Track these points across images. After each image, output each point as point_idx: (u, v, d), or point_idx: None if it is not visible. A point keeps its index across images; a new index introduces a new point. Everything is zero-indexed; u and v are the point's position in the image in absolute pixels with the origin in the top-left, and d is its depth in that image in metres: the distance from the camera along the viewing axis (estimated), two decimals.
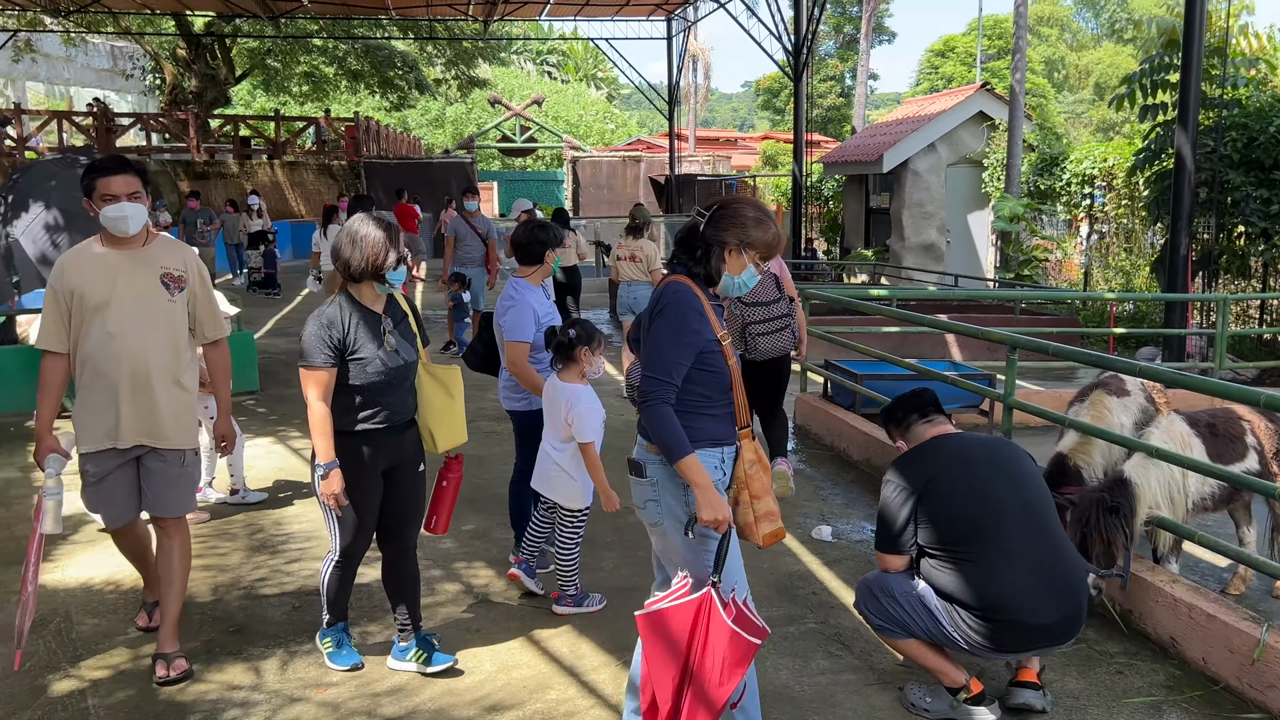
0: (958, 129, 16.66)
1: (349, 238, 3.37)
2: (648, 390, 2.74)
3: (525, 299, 4.44)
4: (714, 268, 2.81)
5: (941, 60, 60.21)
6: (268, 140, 27.04)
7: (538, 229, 4.53)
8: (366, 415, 3.41)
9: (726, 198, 2.92)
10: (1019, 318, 11.45)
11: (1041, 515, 3.30)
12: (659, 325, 2.77)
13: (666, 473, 2.82)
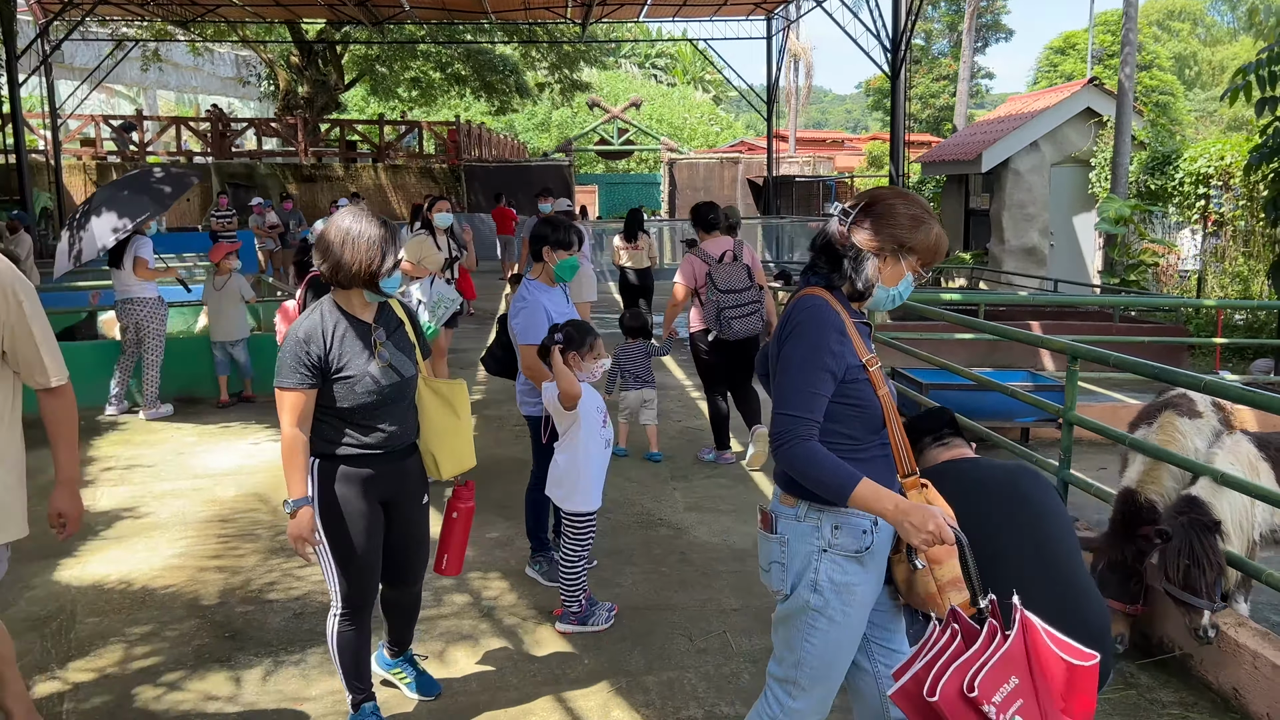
0: (1063, 126, 15.80)
1: (339, 235, 2.87)
2: (781, 431, 2.24)
3: (537, 300, 4.27)
4: (865, 279, 2.31)
5: (1061, 58, 57.79)
6: (372, 144, 27.73)
7: (543, 225, 4.35)
8: (359, 441, 2.96)
9: (875, 192, 2.38)
10: (1118, 325, 10.73)
11: (1059, 558, 2.90)
12: (791, 349, 2.29)
13: (800, 530, 2.34)
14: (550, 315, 4.23)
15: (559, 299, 4.37)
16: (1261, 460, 3.69)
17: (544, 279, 4.36)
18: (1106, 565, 3.77)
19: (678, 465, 6.62)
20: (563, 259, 4.32)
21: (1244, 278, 12.43)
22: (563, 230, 4.32)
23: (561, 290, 4.44)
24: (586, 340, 3.97)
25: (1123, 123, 13.51)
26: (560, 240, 4.30)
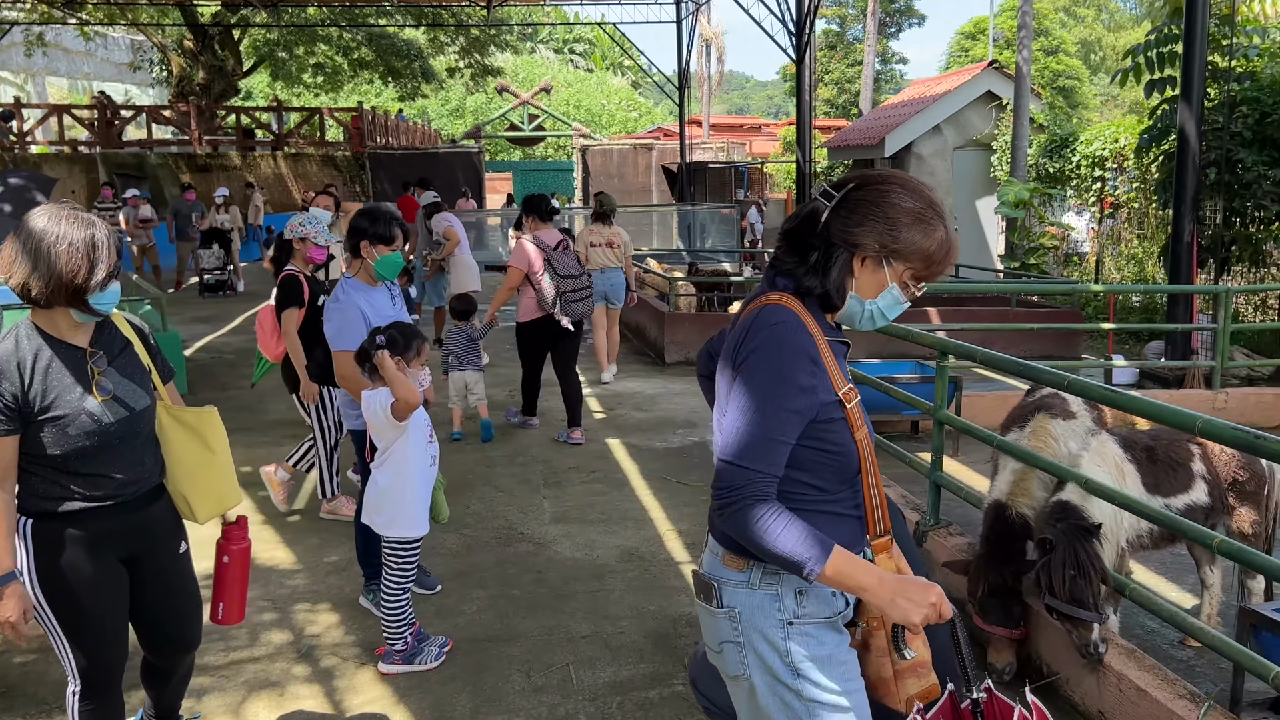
0: (965, 110, 15.79)
1: (31, 241, 2.30)
2: (729, 486, 1.74)
3: (351, 301, 3.84)
4: (834, 282, 1.81)
5: (971, 43, 58.72)
6: (270, 132, 26.72)
7: (361, 217, 3.92)
8: (83, 493, 2.44)
9: (871, 173, 1.83)
10: (1015, 311, 10.67)
11: None
12: (749, 380, 1.77)
13: (755, 600, 1.86)
14: (368, 318, 3.80)
15: (381, 300, 3.95)
16: (1127, 462, 3.45)
17: (363, 277, 3.93)
18: (987, 590, 3.50)
19: (552, 470, 6.25)
20: (384, 255, 3.88)
21: (1139, 260, 12.51)
22: (383, 222, 3.89)
23: (386, 290, 4.02)
24: (413, 344, 3.56)
25: (1020, 106, 13.49)
26: (380, 234, 3.87)
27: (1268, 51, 9.50)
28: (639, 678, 3.62)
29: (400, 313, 4.01)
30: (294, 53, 30.46)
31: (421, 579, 4.39)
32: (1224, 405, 7.54)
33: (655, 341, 10.48)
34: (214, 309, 13.71)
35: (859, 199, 1.79)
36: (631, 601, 4.29)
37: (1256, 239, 9.56)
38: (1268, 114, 9.08)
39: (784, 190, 25.94)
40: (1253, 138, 9.21)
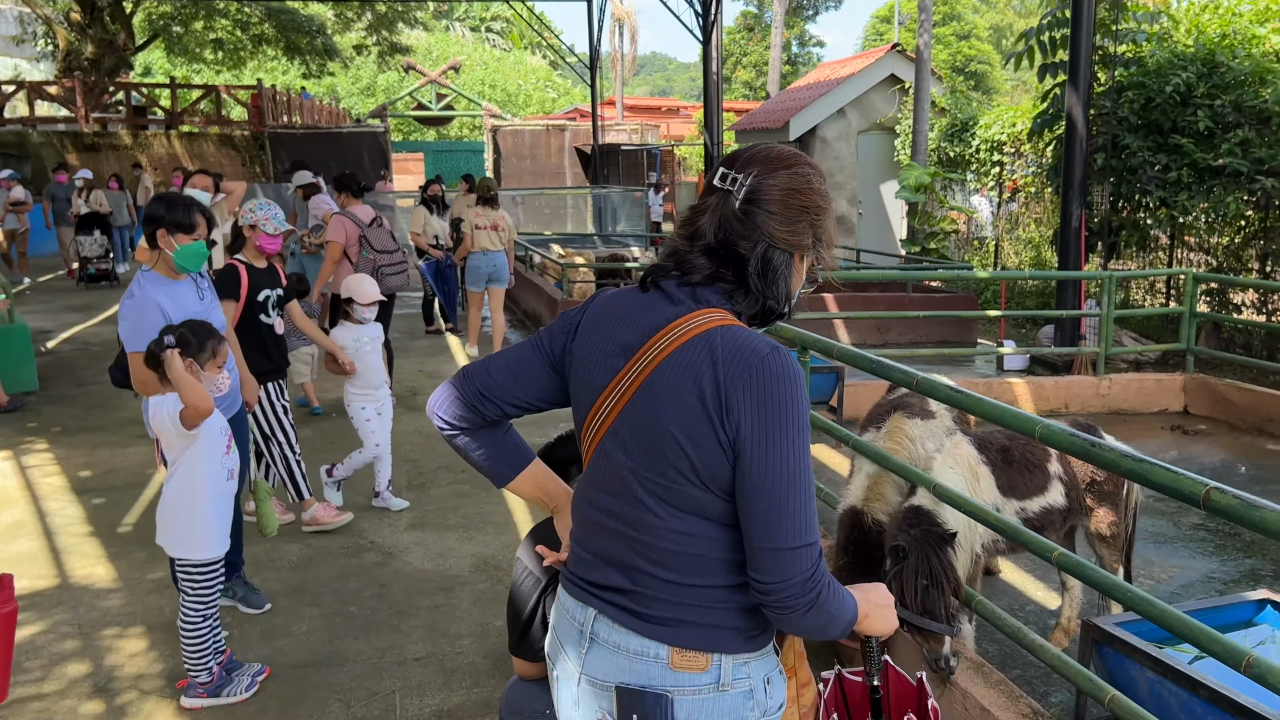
0: (869, 93, 15.75)
1: None
2: (804, 573, 1.42)
3: (149, 297, 3.46)
4: (785, 290, 1.55)
5: (887, 26, 59.34)
6: (163, 110, 25.54)
7: (158, 203, 3.53)
8: None
9: (775, 151, 1.57)
10: (911, 298, 10.63)
11: None
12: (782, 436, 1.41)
13: (726, 705, 1.52)
14: (168, 315, 3.43)
15: (185, 295, 3.57)
16: (982, 464, 3.28)
17: (163, 269, 3.55)
18: None
19: (419, 470, 5.92)
20: (184, 244, 3.50)
21: (1036, 244, 12.60)
22: (181, 209, 3.51)
23: (191, 283, 3.64)
24: (207, 344, 3.20)
25: (921, 89, 13.47)
26: (179, 221, 3.49)
27: (1154, 36, 9.55)
28: (470, 705, 3.35)
29: (209, 308, 3.64)
30: (190, 27, 29.22)
31: (249, 597, 4.05)
32: (1108, 391, 7.55)
33: None
34: (91, 298, 12.97)
35: (785, 189, 1.51)
36: (477, 617, 4.00)
37: (1143, 224, 9.64)
38: (1152, 99, 9.13)
39: (696, 173, 25.76)
40: (1139, 123, 9.26)
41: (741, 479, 1.44)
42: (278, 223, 4.67)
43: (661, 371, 1.48)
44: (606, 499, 1.57)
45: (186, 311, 3.50)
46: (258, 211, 4.65)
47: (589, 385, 1.60)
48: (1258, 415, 7.10)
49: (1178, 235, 9.77)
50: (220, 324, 3.70)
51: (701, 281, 1.53)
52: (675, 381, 1.47)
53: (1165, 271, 8.87)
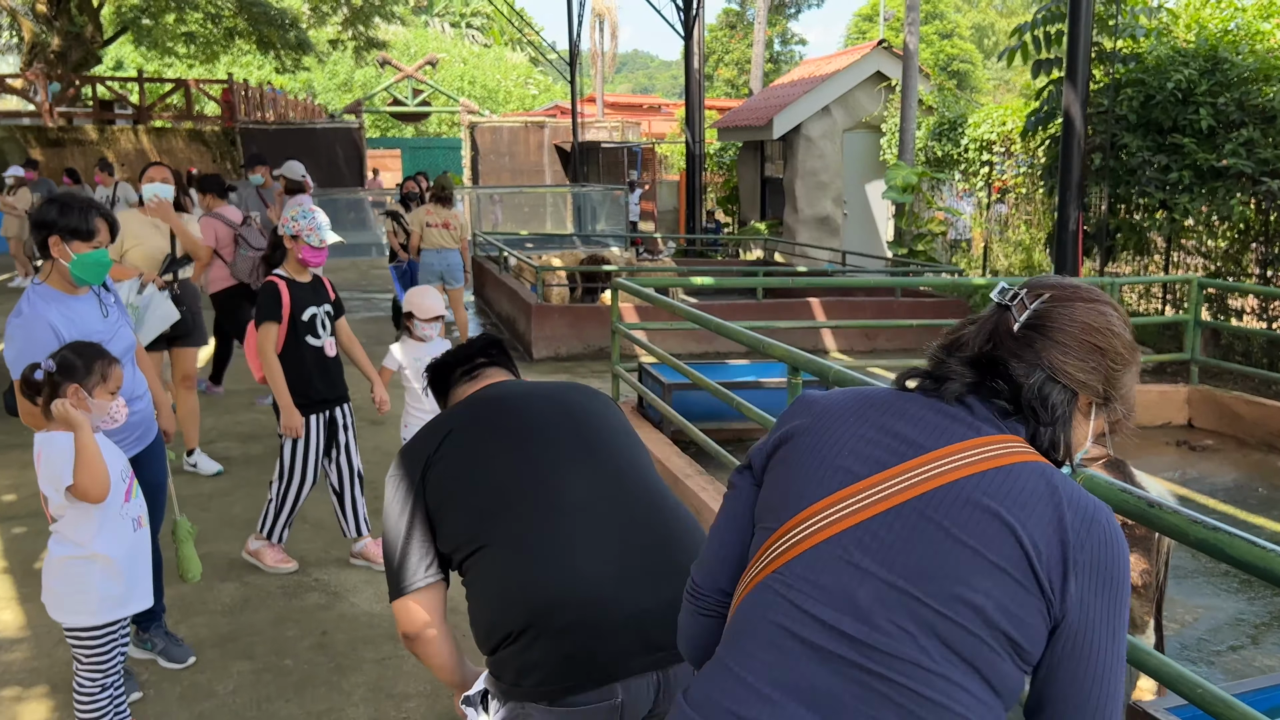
0: (854, 90, 15.36)
1: None
2: None
3: (39, 316, 2.98)
4: (1067, 438, 1.31)
5: (869, 25, 59.21)
6: (131, 104, 24.89)
7: (50, 207, 3.06)
8: None
9: (1073, 286, 1.34)
10: (899, 304, 10.24)
11: (620, 476, 2.00)
12: (1117, 608, 1.21)
13: None
14: (62, 335, 2.96)
15: (84, 311, 3.10)
16: None
17: (57, 282, 3.08)
18: None
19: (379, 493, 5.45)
20: (81, 253, 3.03)
21: (1026, 247, 12.24)
22: (78, 212, 3.04)
23: (93, 298, 3.16)
24: (94, 366, 2.74)
25: (909, 87, 13.10)
26: (74, 227, 3.02)
27: (1153, 31, 9.20)
28: None
29: (114, 327, 3.17)
30: (160, 20, 28.52)
31: (170, 649, 3.58)
32: None
33: (524, 335, 9.72)
34: None
35: (1080, 322, 1.29)
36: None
37: (1141, 227, 9.28)
38: (1152, 96, 8.77)
39: (678, 171, 25.35)
40: (1137, 121, 8.90)
41: (1068, 660, 1.20)
42: (324, 233, 4.15)
43: (962, 489, 1.21)
44: (832, 614, 1.21)
45: (85, 331, 3.03)
46: (301, 220, 4.13)
47: (833, 468, 1.28)
48: (1267, 430, 6.74)
49: (1175, 238, 9.43)
50: (128, 345, 3.23)
51: (964, 391, 1.30)
52: (985, 508, 1.20)
53: (1171, 278, 8.52)
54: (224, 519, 5.05)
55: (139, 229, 5.34)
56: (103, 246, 3.07)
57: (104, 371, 2.73)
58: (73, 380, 2.67)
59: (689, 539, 1.95)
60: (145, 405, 3.34)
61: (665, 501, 2.02)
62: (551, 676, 1.77)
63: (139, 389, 3.28)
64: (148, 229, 5.36)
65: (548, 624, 1.78)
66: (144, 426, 3.31)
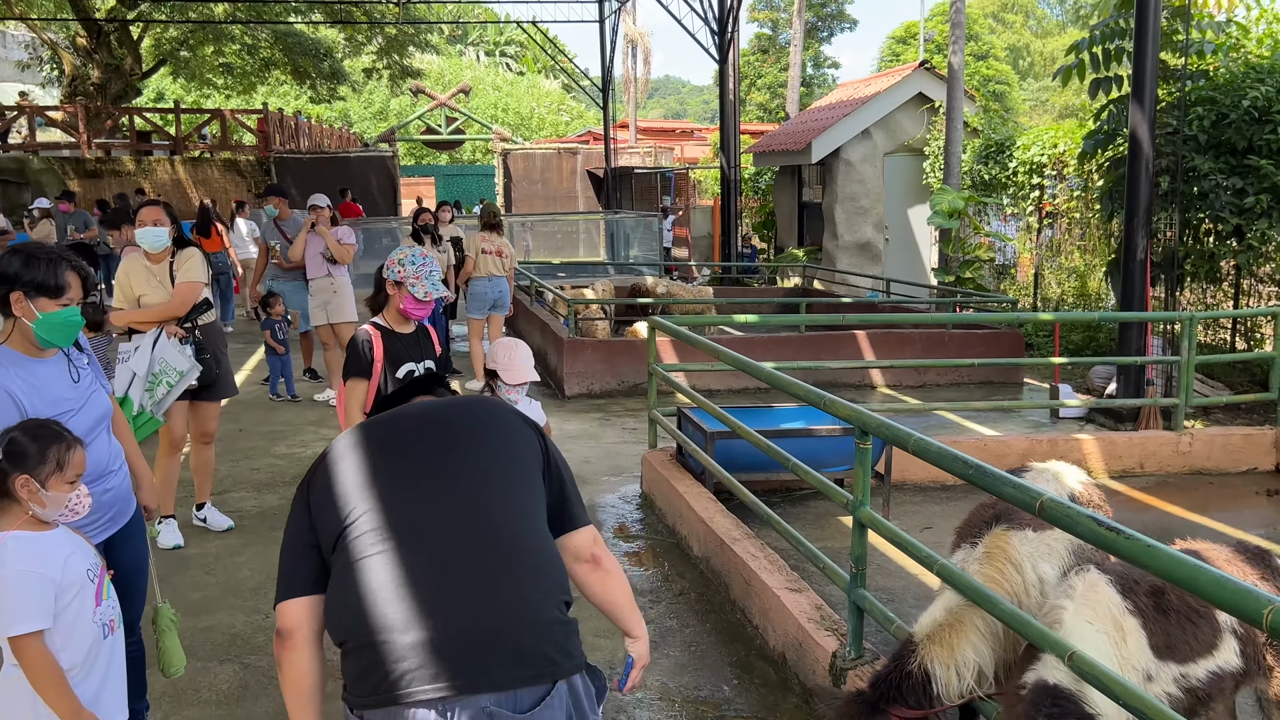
0: (895, 113, 14.88)
1: None
2: None
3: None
4: None
5: (903, 48, 58.86)
6: (168, 135, 25.00)
7: (12, 258, 2.67)
8: None
9: None
10: (952, 335, 9.70)
11: (475, 498, 1.96)
12: None
13: None
14: (23, 406, 2.57)
15: (50, 377, 2.70)
16: (1128, 614, 2.37)
17: (18, 343, 2.68)
18: None
19: None
20: (48, 311, 2.64)
21: (1080, 274, 11.67)
22: (44, 265, 2.65)
23: (61, 361, 2.77)
24: (49, 452, 2.34)
25: (954, 108, 12.60)
26: (39, 281, 2.63)
27: (1223, 47, 8.65)
28: None
29: (85, 393, 2.77)
30: (198, 52, 28.74)
31: None
32: (1189, 448, 6.60)
33: (555, 370, 9.31)
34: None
35: None
36: None
37: (1213, 254, 8.70)
38: (1225, 115, 8.22)
39: (712, 197, 24.95)
40: (1208, 142, 8.35)
41: None
42: (432, 284, 3.75)
43: None
44: None
45: (51, 399, 2.64)
46: (408, 266, 3.74)
47: None
48: None
49: (1246, 267, 8.83)
50: (102, 413, 2.83)
51: None
52: None
53: (1254, 311, 7.93)
54: (229, 585, 4.65)
55: (145, 274, 4.87)
56: (72, 304, 2.67)
57: (61, 457, 2.33)
58: (23, 470, 2.27)
59: (528, 575, 1.91)
60: (121, 481, 2.93)
61: (511, 531, 1.96)
62: (351, 687, 1.85)
63: (114, 462, 2.88)
64: (149, 277, 4.86)
65: (351, 640, 1.85)
66: (119, 505, 2.90)
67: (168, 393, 4.49)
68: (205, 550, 5.10)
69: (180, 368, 4.49)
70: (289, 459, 6.85)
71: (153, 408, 4.40)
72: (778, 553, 4.39)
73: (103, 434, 2.85)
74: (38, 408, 2.61)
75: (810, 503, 5.90)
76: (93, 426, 2.78)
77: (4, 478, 2.28)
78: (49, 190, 21.72)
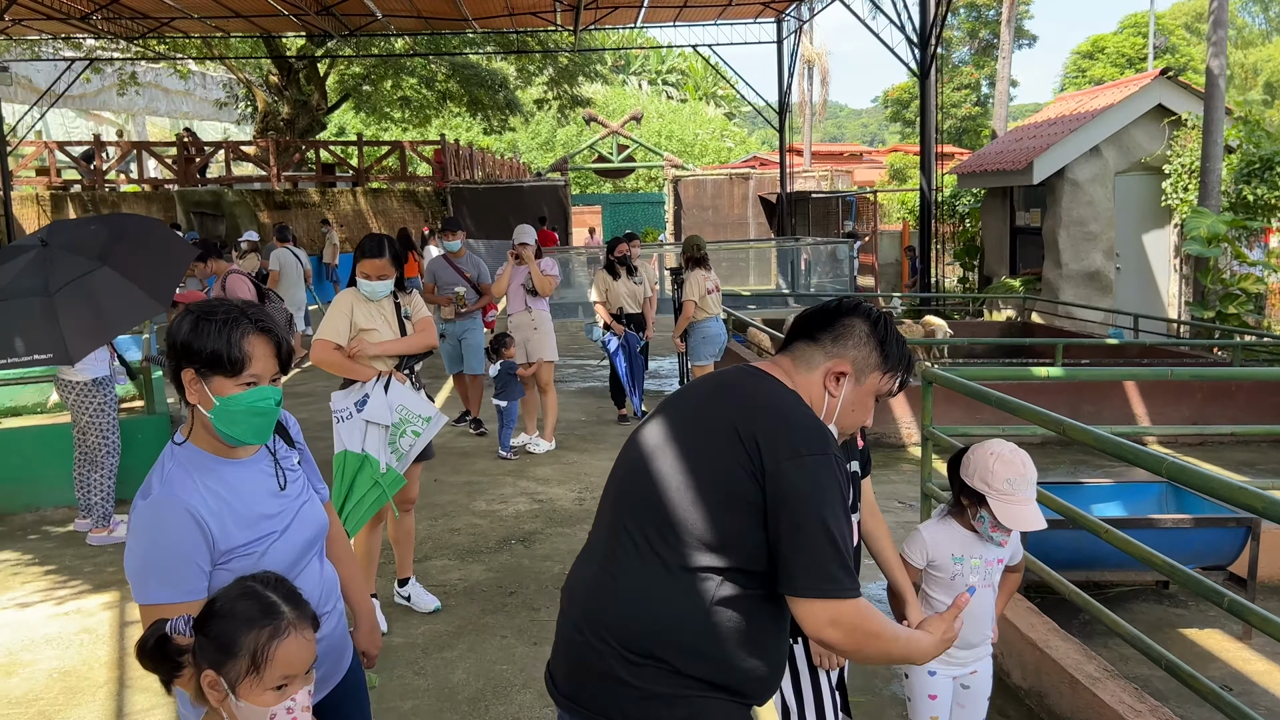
0: (1129, 128, 13.25)
1: None
2: None
3: (172, 498, 1.82)
4: None
5: (1089, 62, 55.70)
6: (351, 167, 25.64)
7: (183, 320, 1.89)
8: None
9: None
10: (1240, 386, 8.16)
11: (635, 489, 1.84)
12: None
13: None
14: (210, 533, 1.79)
15: (249, 484, 1.93)
16: None
17: (203, 440, 1.90)
18: None
19: None
20: (226, 395, 1.84)
21: None
22: (215, 329, 1.85)
23: (263, 462, 1.98)
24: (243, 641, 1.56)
25: (1213, 120, 10.98)
26: (214, 353, 1.84)
27: None
28: None
29: (294, 506, 1.98)
30: (378, 87, 29.54)
31: None
32: None
33: None
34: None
35: None
36: None
37: None
38: None
39: (897, 221, 23.51)
40: None
41: None
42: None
43: None
44: None
45: (247, 519, 1.85)
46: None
47: None
48: None
49: None
50: (315, 532, 2.03)
51: None
52: None
53: None
54: (442, 691, 3.86)
55: (369, 309, 4.20)
56: (261, 382, 1.88)
57: (260, 651, 1.51)
58: (211, 664, 1.46)
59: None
60: (335, 625, 2.12)
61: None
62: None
63: (326, 600, 2.07)
64: (375, 313, 4.18)
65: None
66: (333, 657, 2.09)
67: (413, 444, 3.82)
68: (411, 639, 4.35)
69: (424, 413, 3.81)
70: (490, 518, 6.12)
71: (398, 463, 3.75)
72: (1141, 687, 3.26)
73: (313, 561, 2.05)
74: (229, 532, 1.82)
75: (1131, 605, 4.69)
76: (302, 553, 1.99)
77: (197, 663, 1.48)
78: (242, 222, 22.50)
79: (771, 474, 1.75)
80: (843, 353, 1.98)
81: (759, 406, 1.84)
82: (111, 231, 4.76)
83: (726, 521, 1.77)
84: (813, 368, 1.97)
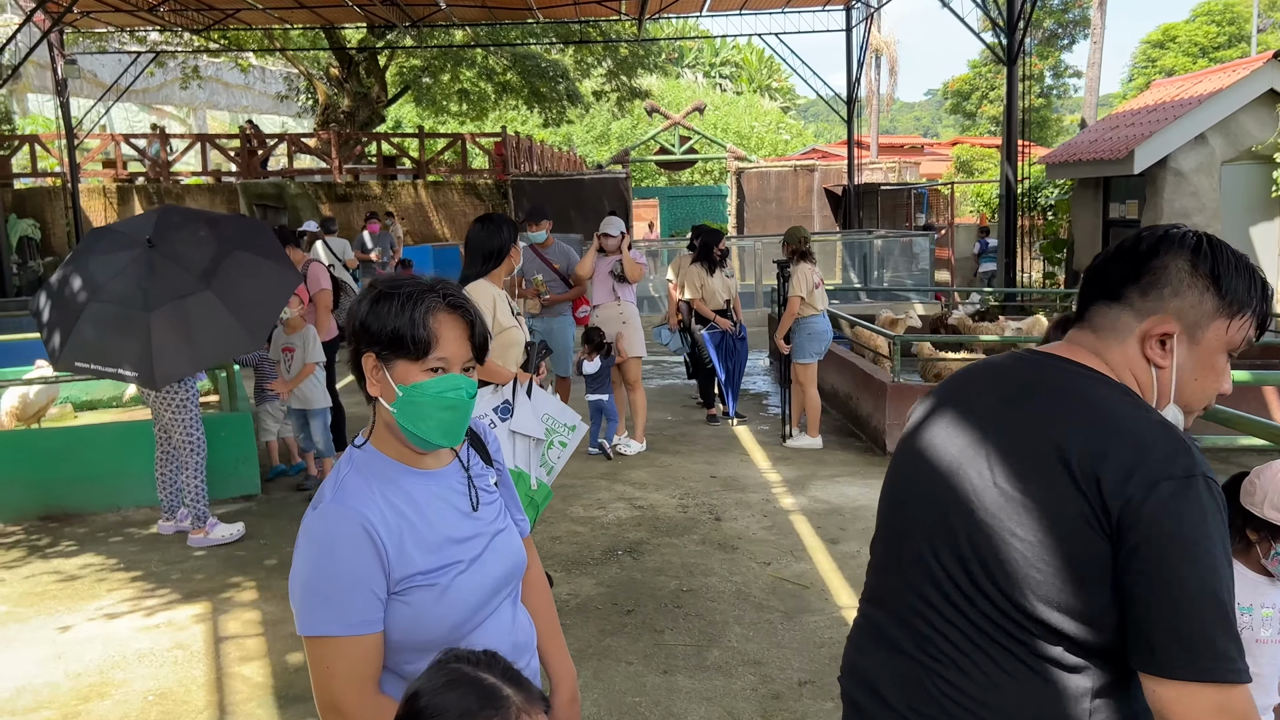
0: (1238, 114, 12.50)
1: None
2: None
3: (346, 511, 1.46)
4: None
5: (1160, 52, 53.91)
6: (412, 160, 25.53)
7: (364, 295, 1.51)
8: None
9: None
10: None
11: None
12: None
13: None
14: (385, 553, 1.39)
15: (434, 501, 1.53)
16: None
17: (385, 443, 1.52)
18: None
19: (772, 687, 3.72)
20: (416, 382, 1.47)
21: None
22: (399, 307, 1.47)
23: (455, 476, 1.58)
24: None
25: None
26: (395, 334, 1.46)
27: None
28: None
29: (488, 530, 1.58)
30: (438, 79, 29.43)
31: None
32: None
33: (868, 420, 7.83)
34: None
35: None
36: None
37: None
38: None
39: (972, 214, 22.78)
40: None
41: None
42: None
43: None
44: None
45: (431, 543, 1.47)
46: None
47: None
48: None
49: None
50: (511, 567, 1.63)
51: None
52: None
53: None
54: None
55: (508, 307, 3.86)
56: (453, 368, 1.48)
57: None
58: None
59: None
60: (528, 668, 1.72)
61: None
62: None
63: (522, 654, 1.67)
64: (501, 304, 3.83)
65: None
66: None
67: (560, 455, 3.46)
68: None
69: (569, 421, 3.44)
70: (590, 525, 5.74)
71: (547, 477, 3.39)
72: None
73: (505, 605, 1.65)
74: (407, 555, 1.44)
75: None
76: (493, 592, 1.59)
77: None
78: (304, 214, 22.43)
79: (1120, 522, 1.31)
80: (1160, 306, 1.46)
81: (1087, 422, 1.38)
82: (222, 244, 4.47)
83: (1077, 587, 1.33)
84: (1125, 336, 1.48)
